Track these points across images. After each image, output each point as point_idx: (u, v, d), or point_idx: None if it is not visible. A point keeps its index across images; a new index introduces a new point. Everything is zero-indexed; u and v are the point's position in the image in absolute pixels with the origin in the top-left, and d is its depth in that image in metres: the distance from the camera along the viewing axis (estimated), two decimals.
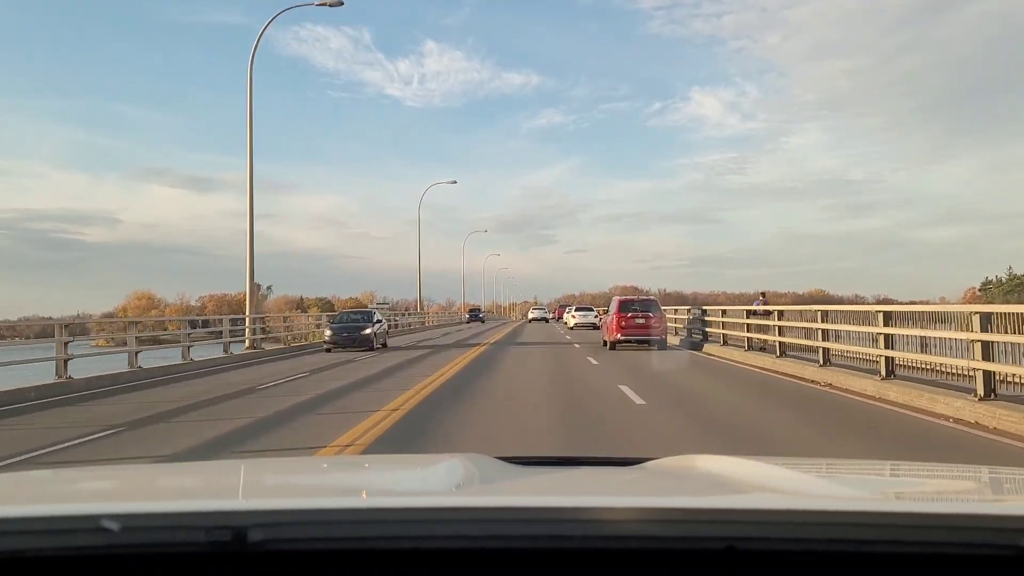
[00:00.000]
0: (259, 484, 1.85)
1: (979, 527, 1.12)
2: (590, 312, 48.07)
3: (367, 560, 1.12)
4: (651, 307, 23.57)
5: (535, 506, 1.27)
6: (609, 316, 23.90)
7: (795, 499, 1.42)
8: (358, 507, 1.29)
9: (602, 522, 1.14)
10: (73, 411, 10.86)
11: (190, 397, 12.11)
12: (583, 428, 8.87)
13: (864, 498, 1.59)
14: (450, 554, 1.13)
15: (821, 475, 1.94)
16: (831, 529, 1.10)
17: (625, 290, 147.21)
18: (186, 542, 1.10)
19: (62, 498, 1.61)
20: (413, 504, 1.34)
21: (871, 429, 8.64)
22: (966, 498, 1.68)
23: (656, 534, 1.13)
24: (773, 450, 7.14)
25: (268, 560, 1.11)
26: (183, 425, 9.52)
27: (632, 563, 1.12)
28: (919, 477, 2.07)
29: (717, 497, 1.51)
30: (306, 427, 9.02)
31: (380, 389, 12.79)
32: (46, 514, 1.19)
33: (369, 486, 1.90)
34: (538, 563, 1.12)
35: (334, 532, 1.13)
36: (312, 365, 18.26)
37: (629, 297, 25.03)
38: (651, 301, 24.25)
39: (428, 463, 2.22)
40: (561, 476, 1.86)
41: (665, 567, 1.12)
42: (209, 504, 1.31)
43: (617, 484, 1.75)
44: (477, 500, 1.42)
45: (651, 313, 23.22)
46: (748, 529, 1.12)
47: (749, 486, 1.62)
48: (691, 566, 1.11)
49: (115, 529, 1.07)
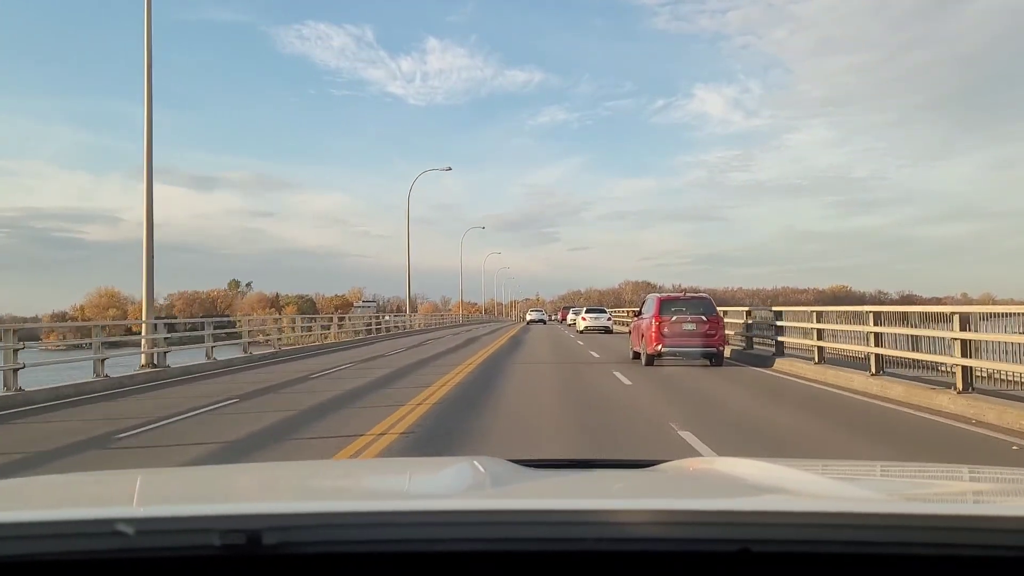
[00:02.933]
0: (273, 487, 1.88)
1: (994, 528, 1.13)
2: (603, 314, 42.01)
3: (381, 563, 1.13)
4: (705, 308, 17.26)
5: (548, 508, 1.27)
6: (645, 319, 17.61)
7: (809, 501, 1.44)
8: (372, 510, 1.28)
9: (615, 524, 1.14)
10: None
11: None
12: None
13: (878, 500, 1.58)
14: (464, 557, 1.14)
15: (835, 477, 1.92)
16: (845, 531, 1.11)
17: (638, 287, 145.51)
18: (200, 545, 1.10)
19: (78, 502, 1.61)
20: (427, 507, 1.33)
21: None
22: (981, 499, 1.67)
23: (670, 536, 1.13)
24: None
25: (282, 563, 1.12)
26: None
27: (646, 565, 1.12)
28: (933, 478, 2.04)
29: (731, 499, 1.53)
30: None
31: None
32: (62, 518, 1.23)
33: (382, 489, 1.90)
34: (552, 566, 1.13)
35: (348, 535, 1.14)
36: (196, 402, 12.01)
37: (673, 295, 18.68)
38: (704, 300, 17.88)
39: (441, 466, 2.29)
40: (574, 478, 1.87)
41: (679, 569, 1.13)
42: (223, 507, 1.33)
43: (631, 486, 1.75)
44: (490, 503, 1.43)
45: (705, 316, 16.96)
46: (762, 531, 1.12)
47: (763, 488, 1.65)
48: (706, 568, 1.12)
49: (130, 533, 1.09)
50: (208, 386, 14.23)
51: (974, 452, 7.22)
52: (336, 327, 34.41)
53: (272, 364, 20.01)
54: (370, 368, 17.57)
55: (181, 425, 9.42)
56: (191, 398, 12.16)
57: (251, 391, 12.99)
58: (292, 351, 24.77)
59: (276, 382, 14.55)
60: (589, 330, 39.47)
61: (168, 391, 13.53)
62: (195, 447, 7.85)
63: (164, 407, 11.07)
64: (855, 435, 8.35)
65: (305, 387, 13.64)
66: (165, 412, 10.47)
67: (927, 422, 9.00)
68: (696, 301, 17.64)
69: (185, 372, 17.22)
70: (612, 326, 40.69)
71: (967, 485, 1.89)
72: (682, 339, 16.70)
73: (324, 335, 32.34)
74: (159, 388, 14.10)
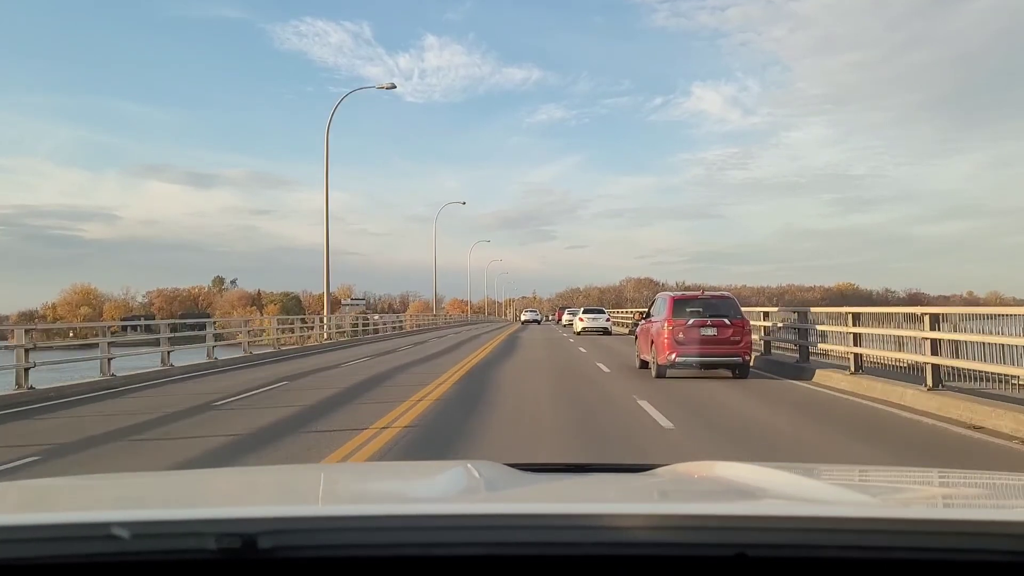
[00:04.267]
0: (269, 491, 1.87)
1: (990, 533, 1.13)
2: (601, 315, 40.53)
3: (376, 567, 1.13)
4: (727, 310, 15.10)
5: (544, 513, 1.27)
6: (655, 323, 15.42)
7: (806, 505, 1.45)
8: (368, 514, 1.28)
9: (612, 529, 1.14)
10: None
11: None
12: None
13: (875, 504, 1.56)
14: (459, 561, 1.14)
15: (832, 482, 1.91)
16: (842, 536, 1.11)
17: (640, 284, 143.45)
18: (196, 549, 1.10)
19: (73, 506, 1.62)
20: (422, 511, 1.33)
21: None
22: (976, 504, 1.68)
23: (666, 541, 1.13)
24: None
25: (278, 567, 1.12)
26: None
27: (642, 570, 1.12)
28: (930, 483, 2.06)
29: (728, 503, 1.54)
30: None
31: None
32: (57, 522, 1.22)
33: (379, 493, 1.89)
34: (548, 570, 1.13)
35: (343, 539, 1.14)
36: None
37: (689, 294, 16.23)
38: (727, 300, 15.60)
39: (437, 470, 2.25)
40: (570, 483, 1.87)
41: (676, 573, 1.12)
42: (219, 511, 1.33)
43: (627, 490, 1.74)
44: (486, 507, 1.43)
45: (728, 320, 14.82)
46: (759, 536, 1.13)
47: (760, 492, 1.64)
48: (702, 573, 1.12)
49: (125, 536, 1.09)
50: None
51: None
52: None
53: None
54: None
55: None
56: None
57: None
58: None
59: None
60: (587, 331, 37.98)
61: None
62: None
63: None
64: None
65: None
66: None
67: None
68: (717, 301, 15.48)
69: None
70: (611, 327, 39.49)
71: (968, 490, 1.89)
72: (700, 347, 14.58)
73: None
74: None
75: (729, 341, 14.66)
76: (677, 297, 15.58)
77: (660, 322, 15.14)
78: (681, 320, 14.80)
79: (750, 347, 15.27)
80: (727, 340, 14.67)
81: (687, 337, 14.65)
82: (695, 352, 14.57)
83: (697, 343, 14.61)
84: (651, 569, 1.11)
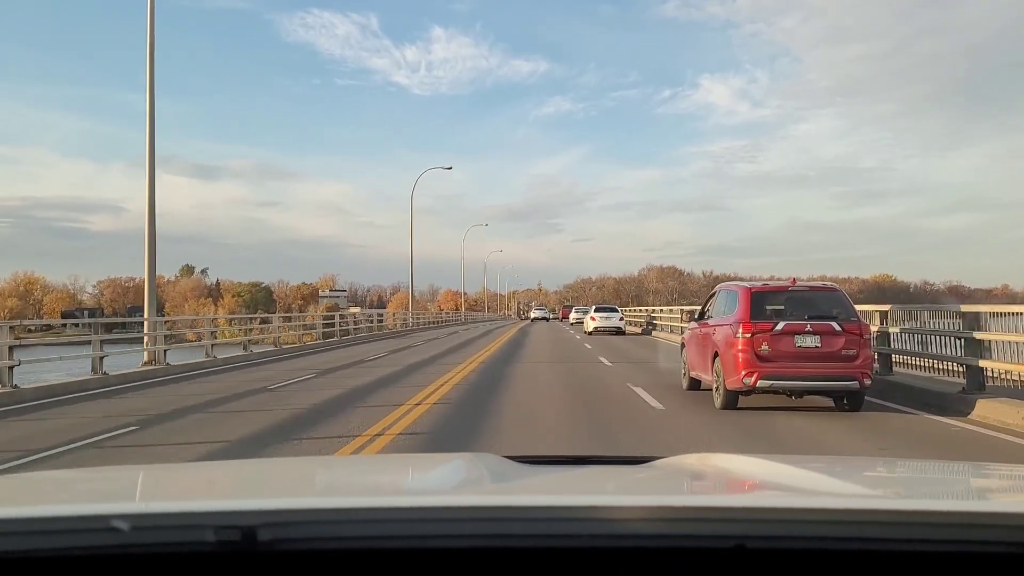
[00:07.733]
0: (269, 484, 1.88)
1: (989, 524, 1.14)
2: (614, 313, 37.02)
3: (377, 559, 1.14)
4: (836, 308, 10.15)
5: (543, 505, 1.28)
6: (722, 326, 10.54)
7: (805, 497, 1.45)
8: (368, 506, 1.30)
9: (611, 521, 1.15)
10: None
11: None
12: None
13: (874, 496, 1.59)
14: (459, 553, 1.14)
15: (831, 473, 1.90)
16: (841, 527, 1.12)
17: (664, 273, 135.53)
18: (196, 542, 1.11)
19: (73, 498, 1.63)
20: (423, 503, 1.35)
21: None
22: (976, 495, 1.69)
23: (665, 532, 1.14)
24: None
25: (278, 559, 1.13)
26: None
27: (641, 562, 1.13)
28: (930, 475, 2.06)
29: (726, 495, 1.59)
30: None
31: None
32: (57, 514, 1.23)
33: (379, 485, 1.90)
34: (547, 562, 1.14)
35: (344, 532, 1.15)
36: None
37: (773, 285, 10.87)
38: (833, 294, 10.49)
39: (438, 462, 2.31)
40: (570, 475, 1.89)
41: (675, 565, 1.13)
42: (218, 504, 1.35)
43: (626, 483, 1.76)
44: (486, 499, 1.44)
45: (838, 324, 9.94)
46: (758, 527, 1.14)
47: (759, 484, 1.67)
48: (701, 564, 1.13)
49: (125, 529, 1.10)
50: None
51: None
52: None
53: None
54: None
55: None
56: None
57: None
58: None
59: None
60: (599, 331, 34.64)
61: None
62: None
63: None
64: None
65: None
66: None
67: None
68: (818, 296, 10.50)
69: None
70: (625, 327, 36.22)
71: (967, 482, 1.89)
72: (797, 365, 9.74)
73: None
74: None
75: (839, 356, 9.84)
76: (756, 290, 10.59)
77: (730, 326, 10.28)
78: (765, 324, 9.98)
79: (871, 364, 10.48)
80: (836, 355, 9.84)
81: (775, 349, 9.85)
82: (789, 372, 9.78)
83: (791, 358, 9.80)
84: (650, 561, 1.12)
